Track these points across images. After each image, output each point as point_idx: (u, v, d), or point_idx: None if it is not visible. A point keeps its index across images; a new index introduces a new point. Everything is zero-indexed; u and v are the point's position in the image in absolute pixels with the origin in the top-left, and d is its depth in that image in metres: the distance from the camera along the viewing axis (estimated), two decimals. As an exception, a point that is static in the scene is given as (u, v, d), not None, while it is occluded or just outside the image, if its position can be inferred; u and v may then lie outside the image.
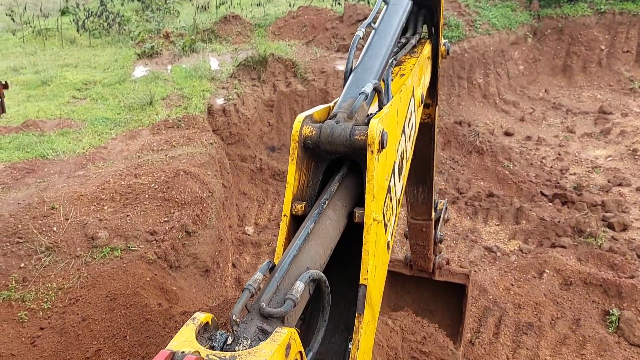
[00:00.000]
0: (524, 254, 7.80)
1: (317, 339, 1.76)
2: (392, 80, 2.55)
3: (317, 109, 2.20)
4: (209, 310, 4.64)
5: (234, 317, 1.49)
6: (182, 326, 1.41)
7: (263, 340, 1.40)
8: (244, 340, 1.43)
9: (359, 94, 2.05)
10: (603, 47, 13.67)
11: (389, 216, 2.25)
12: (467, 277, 5.81)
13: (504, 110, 12.73)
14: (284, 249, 1.94)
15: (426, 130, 4.17)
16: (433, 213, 5.13)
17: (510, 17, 13.55)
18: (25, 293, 5.06)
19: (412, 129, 2.82)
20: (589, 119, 12.22)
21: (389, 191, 2.25)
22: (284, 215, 2.03)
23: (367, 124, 1.95)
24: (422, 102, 3.06)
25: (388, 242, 2.28)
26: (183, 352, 1.23)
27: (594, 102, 12.90)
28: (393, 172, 2.33)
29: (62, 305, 4.90)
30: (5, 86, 5.38)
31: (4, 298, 4.98)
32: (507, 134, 11.71)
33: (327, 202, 2.00)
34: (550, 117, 12.51)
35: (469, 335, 6.30)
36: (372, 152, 1.88)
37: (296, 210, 2.02)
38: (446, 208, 5.66)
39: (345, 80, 2.49)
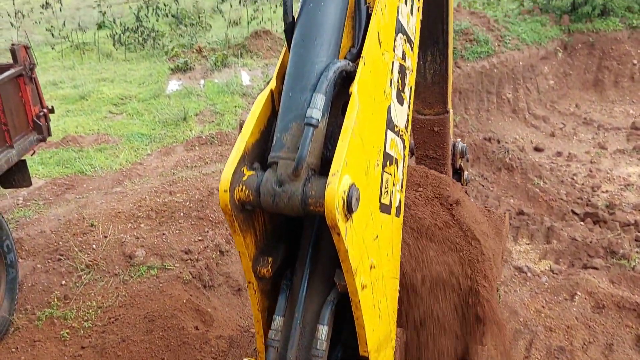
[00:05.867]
0: (555, 275, 7.75)
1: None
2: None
3: (247, 133, 1.62)
4: (240, 330, 4.75)
5: None
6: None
7: None
8: None
9: (305, 125, 1.48)
10: (635, 62, 13.47)
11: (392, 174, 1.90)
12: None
13: (533, 126, 12.64)
14: (262, 316, 1.77)
15: None
16: (449, 101, 3.72)
17: (540, 32, 13.46)
18: (66, 311, 5.26)
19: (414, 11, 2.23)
20: (622, 135, 12.05)
21: (388, 124, 1.84)
22: (249, 282, 1.74)
23: (323, 171, 1.49)
24: None
25: (398, 205, 1.98)
26: None
27: (626, 117, 12.71)
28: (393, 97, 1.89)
29: (101, 324, 5.08)
30: (52, 110, 5.62)
31: (46, 316, 5.19)
32: (537, 149, 11.62)
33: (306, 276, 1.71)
34: (582, 132, 12.37)
35: None
36: (338, 233, 1.45)
37: (262, 273, 1.71)
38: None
39: (288, 41, 1.78)
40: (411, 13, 2.16)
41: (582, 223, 8.93)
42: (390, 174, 1.89)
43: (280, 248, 1.76)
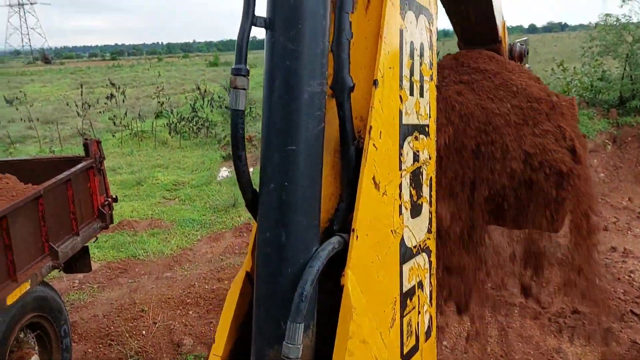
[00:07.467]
0: (616, 381, 7.28)
1: None
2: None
3: (222, 341, 1.43)
4: None
5: None
6: None
7: None
8: None
9: None
10: (690, 156, 13.22)
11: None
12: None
13: (585, 219, 12.34)
14: None
15: None
16: (505, 31, 3.52)
17: (588, 125, 13.47)
18: (114, 399, 5.27)
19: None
20: (679, 231, 11.61)
21: (402, 258, 1.54)
22: None
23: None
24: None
25: (428, 327, 1.71)
26: None
27: (683, 213, 12.30)
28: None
29: (148, 415, 5.05)
30: (115, 200, 5.94)
31: (95, 403, 5.20)
32: (590, 244, 11.28)
33: None
34: (636, 227, 11.98)
35: None
36: None
37: None
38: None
39: (254, 217, 1.44)
40: (421, 95, 1.73)
41: (642, 325, 8.46)
42: (414, 307, 1.60)
43: None
